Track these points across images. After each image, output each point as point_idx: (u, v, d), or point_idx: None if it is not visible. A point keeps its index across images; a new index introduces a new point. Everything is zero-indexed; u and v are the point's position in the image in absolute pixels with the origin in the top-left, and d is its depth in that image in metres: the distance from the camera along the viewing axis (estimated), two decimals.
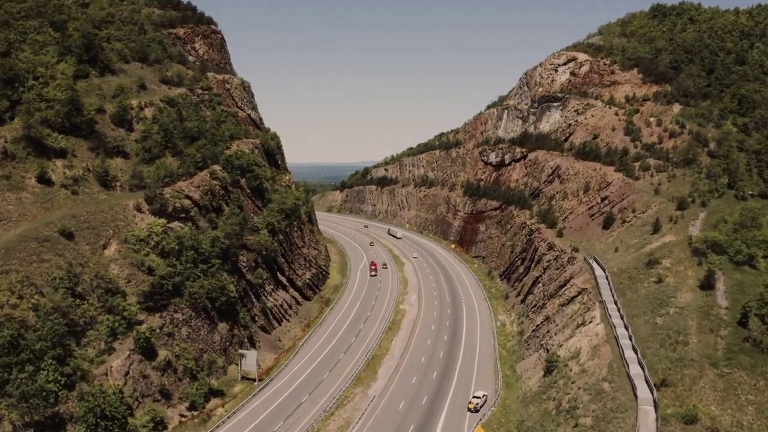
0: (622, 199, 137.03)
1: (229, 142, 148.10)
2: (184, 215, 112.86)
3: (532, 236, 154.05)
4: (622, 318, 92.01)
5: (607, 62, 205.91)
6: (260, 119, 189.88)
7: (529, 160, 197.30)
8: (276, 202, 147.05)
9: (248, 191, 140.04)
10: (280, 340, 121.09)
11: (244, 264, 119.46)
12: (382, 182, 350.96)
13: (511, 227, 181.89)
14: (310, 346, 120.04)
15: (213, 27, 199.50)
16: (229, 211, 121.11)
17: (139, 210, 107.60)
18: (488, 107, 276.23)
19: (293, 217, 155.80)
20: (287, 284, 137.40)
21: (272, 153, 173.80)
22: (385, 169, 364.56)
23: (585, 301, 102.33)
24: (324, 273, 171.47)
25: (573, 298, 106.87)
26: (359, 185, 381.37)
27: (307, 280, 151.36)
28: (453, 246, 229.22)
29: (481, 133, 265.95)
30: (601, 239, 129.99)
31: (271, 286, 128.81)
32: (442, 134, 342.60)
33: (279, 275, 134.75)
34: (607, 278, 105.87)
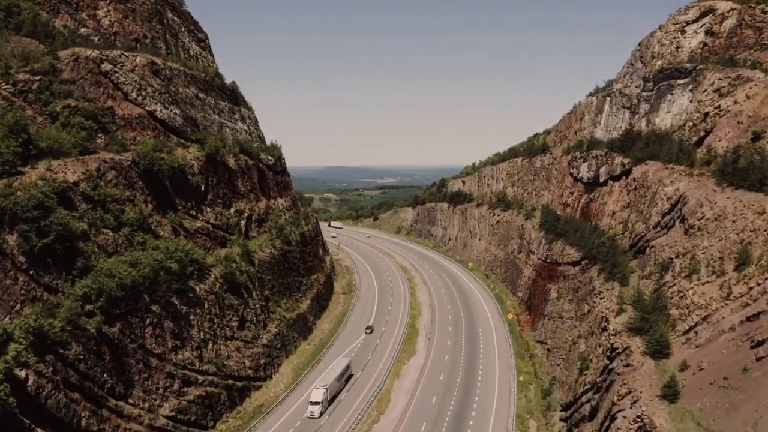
0: None
1: (33, 163, 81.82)
2: None
3: (613, 365, 70.56)
4: None
5: (767, 8, 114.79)
6: (188, 118, 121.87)
7: (634, 178, 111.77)
8: (97, 275, 77.52)
9: (20, 260, 71.80)
10: None
11: None
12: (455, 199, 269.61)
13: (589, 311, 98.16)
14: None
15: None
16: None
17: None
18: (588, 95, 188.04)
19: (160, 292, 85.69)
20: None
21: (171, 173, 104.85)
22: (462, 182, 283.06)
23: None
24: (250, 383, 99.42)
25: None
26: (432, 201, 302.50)
27: (164, 422, 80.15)
28: (510, 315, 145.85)
29: (575, 132, 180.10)
30: None
31: None
32: (536, 135, 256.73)
33: None
34: None
